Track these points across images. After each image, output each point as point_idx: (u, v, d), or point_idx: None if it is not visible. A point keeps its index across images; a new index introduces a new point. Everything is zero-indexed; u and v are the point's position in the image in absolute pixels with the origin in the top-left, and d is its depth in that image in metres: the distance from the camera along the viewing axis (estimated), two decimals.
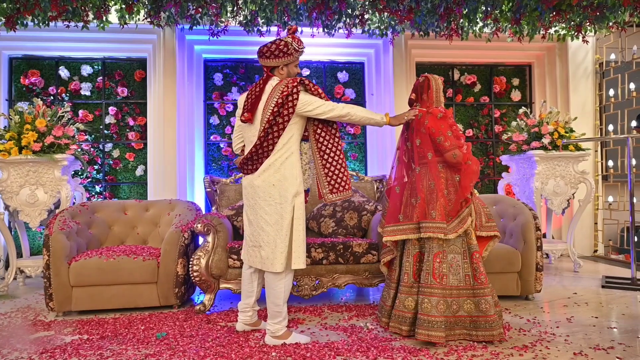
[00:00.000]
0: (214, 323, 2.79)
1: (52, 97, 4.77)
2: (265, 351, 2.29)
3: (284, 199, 2.32)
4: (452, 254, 2.44)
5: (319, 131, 2.43)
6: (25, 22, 3.98)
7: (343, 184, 2.43)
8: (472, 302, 2.40)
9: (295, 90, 2.30)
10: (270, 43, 2.36)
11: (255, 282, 2.55)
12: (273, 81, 2.38)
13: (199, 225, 3.04)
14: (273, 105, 2.30)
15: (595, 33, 4.73)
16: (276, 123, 2.30)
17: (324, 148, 2.42)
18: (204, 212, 3.94)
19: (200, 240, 3.38)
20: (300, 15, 4.21)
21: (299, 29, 4.37)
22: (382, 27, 4.54)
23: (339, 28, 4.45)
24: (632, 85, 4.78)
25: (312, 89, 2.39)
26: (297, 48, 2.37)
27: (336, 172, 2.42)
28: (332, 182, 2.41)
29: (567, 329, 2.62)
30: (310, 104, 2.34)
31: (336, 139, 2.45)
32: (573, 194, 4.36)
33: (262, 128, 2.32)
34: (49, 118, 3.81)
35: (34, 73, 4.75)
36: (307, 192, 2.48)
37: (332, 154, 2.42)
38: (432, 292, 2.37)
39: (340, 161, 2.43)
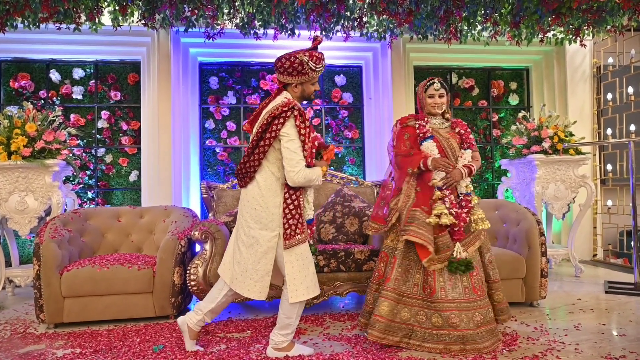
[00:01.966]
0: (212, 334, 2.69)
1: (42, 101, 4.65)
2: None
3: (264, 226, 2.22)
4: (406, 260, 2.50)
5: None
6: (15, 24, 3.86)
7: (292, 232, 2.21)
8: (424, 313, 2.40)
9: (283, 114, 2.16)
10: (285, 58, 2.22)
11: (223, 291, 2.35)
12: (281, 97, 2.27)
13: (196, 233, 2.95)
14: (262, 122, 2.21)
15: (593, 37, 4.72)
16: (262, 139, 2.20)
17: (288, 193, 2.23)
18: (200, 219, 3.84)
19: (197, 248, 3.29)
20: (298, 18, 4.14)
21: (297, 31, 4.31)
22: (380, 30, 4.49)
23: (337, 31, 4.39)
24: (630, 89, 4.77)
25: (299, 124, 2.18)
26: (313, 68, 2.21)
27: (289, 219, 2.21)
28: (285, 228, 2.21)
29: (576, 337, 2.56)
30: (288, 141, 2.16)
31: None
32: (573, 198, 4.33)
33: (251, 141, 2.25)
34: (39, 122, 3.69)
35: (24, 76, 4.62)
36: (309, 223, 2.34)
37: (290, 207, 2.23)
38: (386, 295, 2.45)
39: (291, 215, 2.22)
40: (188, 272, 2.90)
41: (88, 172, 4.72)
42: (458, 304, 2.35)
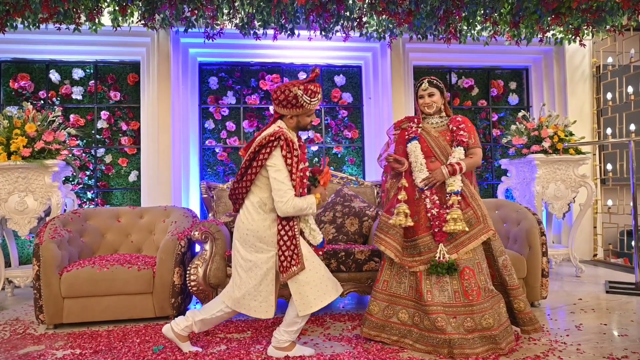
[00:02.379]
0: (212, 335, 2.68)
1: (42, 102, 4.64)
2: None
3: (258, 249, 2.23)
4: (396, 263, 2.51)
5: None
6: (14, 24, 3.86)
7: (286, 264, 2.19)
8: (419, 315, 2.37)
9: (270, 144, 2.16)
10: (280, 91, 2.22)
11: (221, 306, 2.33)
12: (274, 126, 2.28)
13: (196, 233, 2.94)
14: (251, 151, 2.22)
15: (592, 37, 4.72)
16: (251, 167, 2.22)
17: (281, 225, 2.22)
18: (200, 219, 3.83)
19: (197, 248, 3.28)
20: (297, 18, 4.14)
21: (296, 32, 4.30)
22: (380, 30, 4.49)
23: (337, 31, 4.39)
24: (630, 89, 4.77)
25: (285, 154, 2.17)
26: (308, 101, 2.20)
27: (284, 250, 2.20)
28: (281, 262, 2.20)
29: (578, 337, 2.56)
30: (275, 171, 2.16)
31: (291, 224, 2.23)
32: (574, 198, 4.32)
33: (240, 168, 2.28)
34: (39, 123, 3.69)
35: (24, 77, 4.62)
36: (320, 247, 2.33)
37: (284, 238, 2.21)
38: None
39: (292, 239, 2.20)
40: (188, 272, 2.89)
41: (88, 173, 4.71)
42: (445, 308, 2.31)
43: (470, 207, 2.45)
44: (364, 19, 4.26)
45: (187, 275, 2.89)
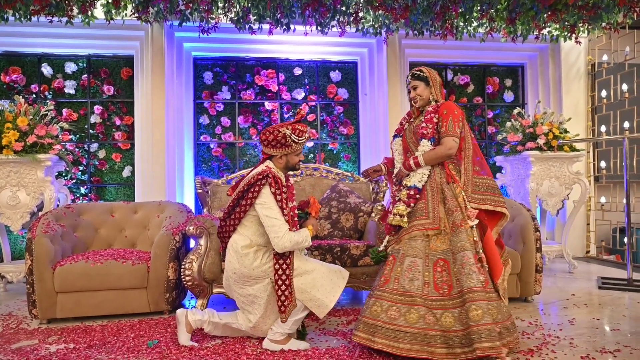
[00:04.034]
0: None
1: (34, 95, 4.59)
2: (264, 359, 2.18)
3: (253, 282, 2.28)
4: (412, 257, 2.24)
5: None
6: (5, 17, 3.81)
7: (283, 308, 2.24)
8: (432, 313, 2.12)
9: (258, 182, 2.23)
10: (269, 132, 2.29)
11: (235, 318, 2.41)
12: (262, 165, 2.33)
13: (191, 228, 2.92)
14: (240, 190, 2.28)
15: (588, 34, 4.74)
16: (239, 205, 2.28)
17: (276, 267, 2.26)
18: (194, 214, 3.81)
19: (192, 243, 3.26)
20: (293, 13, 4.12)
21: (292, 26, 4.28)
22: (376, 26, 4.48)
23: (333, 26, 4.37)
24: (624, 86, 4.80)
25: (274, 191, 2.22)
26: (296, 141, 2.29)
27: (281, 296, 2.23)
28: (280, 304, 2.24)
29: (571, 331, 2.57)
30: (265, 209, 2.21)
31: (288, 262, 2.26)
32: (568, 195, 4.35)
33: (227, 206, 2.33)
34: (31, 117, 3.64)
35: (15, 70, 4.56)
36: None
37: (282, 277, 2.24)
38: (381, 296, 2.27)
39: (284, 287, 2.23)
40: (183, 267, 2.87)
41: (81, 168, 4.67)
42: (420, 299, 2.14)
43: (424, 199, 2.31)
44: (360, 14, 4.25)
45: (182, 270, 2.87)
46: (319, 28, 4.32)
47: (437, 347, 2.06)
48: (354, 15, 4.16)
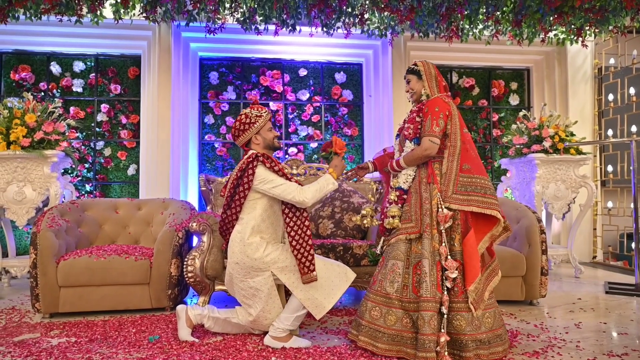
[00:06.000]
0: None
1: (42, 93, 4.63)
2: (265, 356, 2.17)
3: (254, 274, 2.27)
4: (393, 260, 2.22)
5: (286, 211, 2.30)
6: (16, 15, 3.85)
7: (305, 269, 2.23)
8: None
9: (250, 165, 2.25)
10: (233, 127, 2.38)
11: (235, 314, 2.41)
12: (246, 155, 2.35)
13: (194, 224, 2.92)
14: (233, 178, 2.30)
15: (595, 37, 4.71)
16: (237, 192, 2.29)
17: (291, 232, 2.27)
18: (198, 212, 3.81)
19: (195, 240, 3.26)
20: (299, 14, 4.14)
21: (297, 27, 4.30)
22: (381, 28, 4.49)
23: (338, 27, 4.38)
24: (631, 90, 4.76)
25: (270, 165, 2.27)
26: (258, 114, 2.35)
27: (299, 256, 2.24)
28: (300, 264, 2.23)
29: (577, 334, 2.54)
30: (268, 183, 2.25)
31: (303, 225, 2.28)
32: (574, 199, 4.31)
33: (225, 198, 2.35)
34: (39, 113, 3.67)
35: (25, 68, 4.61)
36: None
37: (298, 238, 2.26)
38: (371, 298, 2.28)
39: (305, 245, 2.24)
40: (185, 263, 2.87)
41: (87, 165, 4.70)
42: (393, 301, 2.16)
43: (408, 203, 2.27)
44: (366, 16, 4.26)
45: (185, 267, 2.87)
46: (325, 29, 4.34)
47: (411, 347, 2.10)
48: (360, 16, 4.17)
